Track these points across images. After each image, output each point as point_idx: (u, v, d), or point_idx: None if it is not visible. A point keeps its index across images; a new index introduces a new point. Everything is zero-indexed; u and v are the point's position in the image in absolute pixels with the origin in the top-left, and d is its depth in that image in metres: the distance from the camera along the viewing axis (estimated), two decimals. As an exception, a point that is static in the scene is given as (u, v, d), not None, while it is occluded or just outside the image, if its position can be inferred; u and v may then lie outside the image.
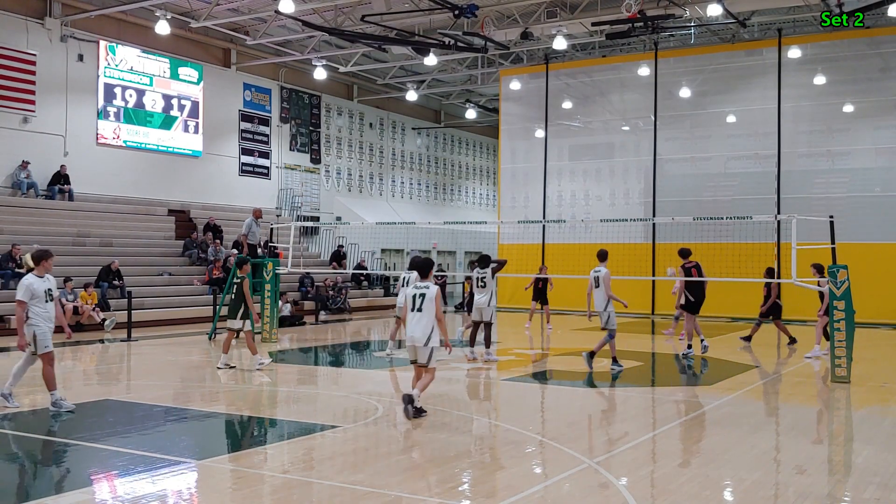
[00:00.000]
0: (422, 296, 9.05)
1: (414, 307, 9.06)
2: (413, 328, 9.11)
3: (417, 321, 9.08)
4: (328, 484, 6.82)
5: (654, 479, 7.28)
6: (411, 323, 9.15)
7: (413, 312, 9.09)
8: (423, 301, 9.01)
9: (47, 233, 21.79)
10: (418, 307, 9.02)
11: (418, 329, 9.05)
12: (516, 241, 29.09)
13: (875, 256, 22.79)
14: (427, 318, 9.01)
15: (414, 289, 9.21)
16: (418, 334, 9.04)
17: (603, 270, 13.01)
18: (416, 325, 9.08)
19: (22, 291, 9.11)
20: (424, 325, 9.01)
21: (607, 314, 12.92)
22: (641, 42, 27.70)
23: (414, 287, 9.25)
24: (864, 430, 9.64)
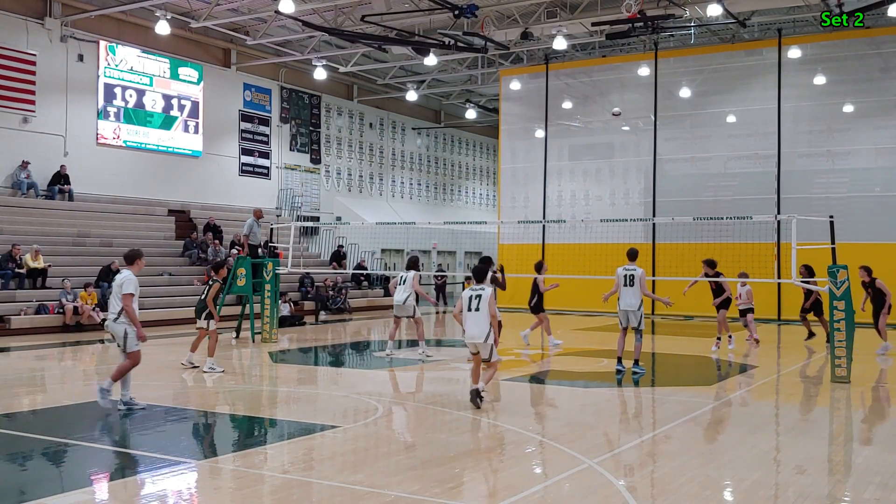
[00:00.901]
0: (478, 297, 9.79)
1: (471, 308, 9.79)
2: (472, 327, 9.79)
3: (475, 320, 9.78)
4: (328, 484, 6.82)
5: (654, 479, 7.28)
6: (469, 322, 9.83)
7: (470, 312, 9.81)
8: (479, 302, 9.75)
9: (47, 233, 21.81)
10: (475, 307, 9.77)
11: (476, 328, 9.75)
12: (516, 241, 29.09)
13: (875, 256, 22.75)
14: (484, 317, 9.71)
15: (470, 291, 9.95)
16: (477, 332, 9.73)
17: (638, 270, 12.79)
18: (475, 324, 9.77)
19: (133, 285, 9.35)
20: (482, 323, 9.70)
21: (641, 314, 12.81)
22: (641, 42, 27.70)
23: (470, 289, 9.99)
24: (864, 430, 9.64)
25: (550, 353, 16.50)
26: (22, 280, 19.68)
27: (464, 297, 9.93)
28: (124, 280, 9.34)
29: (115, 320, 9.40)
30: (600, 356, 15.33)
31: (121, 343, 9.46)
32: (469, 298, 9.84)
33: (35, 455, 7.94)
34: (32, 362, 14.84)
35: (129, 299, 9.29)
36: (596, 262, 22.02)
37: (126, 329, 9.34)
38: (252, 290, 17.79)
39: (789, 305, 23.91)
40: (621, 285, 12.86)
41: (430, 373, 13.74)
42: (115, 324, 9.40)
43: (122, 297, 9.30)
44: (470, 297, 9.83)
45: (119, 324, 9.35)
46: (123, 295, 9.29)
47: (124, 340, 9.40)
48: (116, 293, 9.40)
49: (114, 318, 9.42)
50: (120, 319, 9.35)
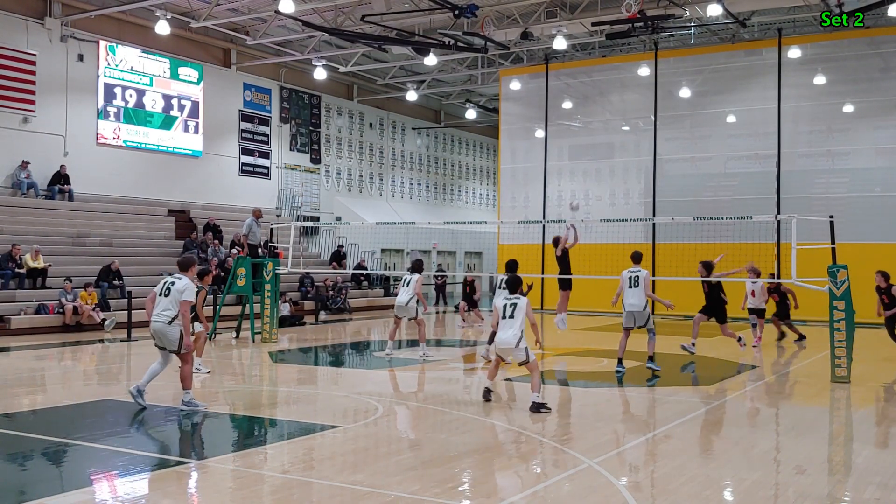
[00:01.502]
0: (513, 305, 10.04)
1: (505, 315, 10.03)
2: (505, 333, 9.95)
3: (509, 327, 9.95)
4: (328, 484, 6.82)
5: (654, 479, 7.28)
6: (503, 329, 10.00)
7: (505, 319, 10.02)
8: (514, 309, 10.00)
9: (47, 233, 21.80)
10: (510, 315, 10.00)
11: (510, 334, 9.90)
12: (516, 241, 29.09)
13: (875, 256, 22.76)
14: (517, 324, 9.92)
15: (504, 300, 10.16)
16: (510, 338, 9.87)
17: (643, 272, 13.12)
18: (508, 330, 9.94)
19: (193, 293, 9.54)
20: (515, 330, 9.90)
21: (647, 314, 13.05)
22: (641, 42, 27.70)
23: (504, 298, 10.20)
24: (864, 430, 9.64)
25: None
26: (22, 280, 19.68)
27: (498, 307, 10.20)
28: (185, 287, 9.46)
29: (170, 323, 9.43)
30: (600, 356, 15.33)
31: (174, 346, 9.51)
32: (504, 307, 10.09)
33: (35, 455, 7.94)
34: (32, 362, 14.83)
35: (188, 306, 9.44)
36: (596, 262, 22.01)
37: (181, 331, 9.44)
38: (252, 290, 17.78)
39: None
40: (626, 287, 13.00)
41: (430, 373, 13.74)
42: (169, 327, 9.43)
43: (182, 303, 9.39)
44: (504, 306, 10.09)
45: (174, 327, 9.42)
46: (183, 301, 9.39)
47: (179, 343, 9.46)
48: (175, 298, 9.42)
49: (167, 321, 9.43)
50: (175, 323, 9.43)
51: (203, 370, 12.89)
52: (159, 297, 9.59)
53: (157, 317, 9.49)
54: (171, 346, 9.57)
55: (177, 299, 9.42)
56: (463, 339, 19.35)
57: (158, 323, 9.47)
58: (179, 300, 9.41)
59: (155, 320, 9.50)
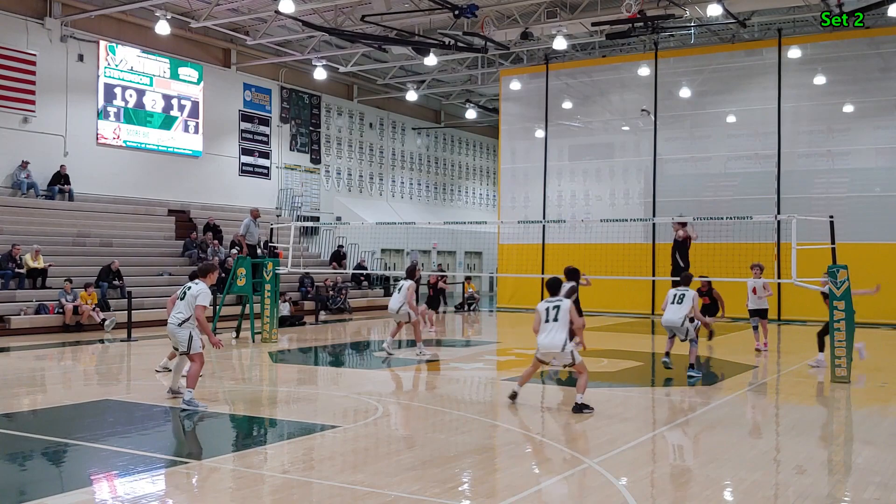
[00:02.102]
0: (556, 308, 9.93)
1: (548, 318, 9.91)
2: (549, 336, 9.86)
3: (553, 330, 9.86)
4: (328, 484, 6.82)
5: (654, 479, 7.28)
6: (546, 332, 9.90)
7: (548, 323, 9.91)
8: (557, 312, 9.90)
9: (47, 233, 21.80)
10: (553, 318, 9.91)
11: (555, 338, 9.81)
12: (516, 241, 29.10)
13: (875, 256, 22.78)
14: (562, 327, 9.83)
15: (547, 303, 10.04)
16: (556, 342, 9.79)
17: (690, 292, 12.88)
18: (552, 333, 9.85)
19: (208, 298, 9.90)
20: (559, 333, 9.82)
21: (685, 328, 12.82)
22: (641, 42, 27.70)
23: (547, 301, 10.07)
24: (864, 430, 9.64)
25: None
26: (22, 280, 19.68)
27: (540, 310, 10.04)
28: (200, 292, 9.81)
29: (180, 325, 9.77)
30: (600, 356, 15.33)
31: (184, 347, 9.82)
32: (546, 310, 9.97)
33: (35, 455, 7.94)
34: (32, 362, 14.84)
35: (202, 310, 9.77)
36: (596, 263, 22.02)
37: (191, 333, 9.74)
38: (252, 290, 17.79)
39: (789, 305, 23.93)
40: (670, 302, 12.86)
41: (429, 373, 13.74)
42: (179, 328, 9.78)
43: (196, 307, 9.73)
44: (547, 309, 9.97)
45: (184, 328, 9.74)
46: (197, 305, 9.73)
47: (189, 344, 9.76)
48: (189, 302, 9.80)
49: (178, 323, 9.80)
50: (185, 325, 9.73)
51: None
52: (178, 302, 10.02)
53: (171, 318, 9.93)
54: (182, 346, 9.89)
55: (191, 303, 9.76)
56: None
57: (171, 325, 9.89)
58: (193, 304, 9.74)
59: (169, 322, 9.96)
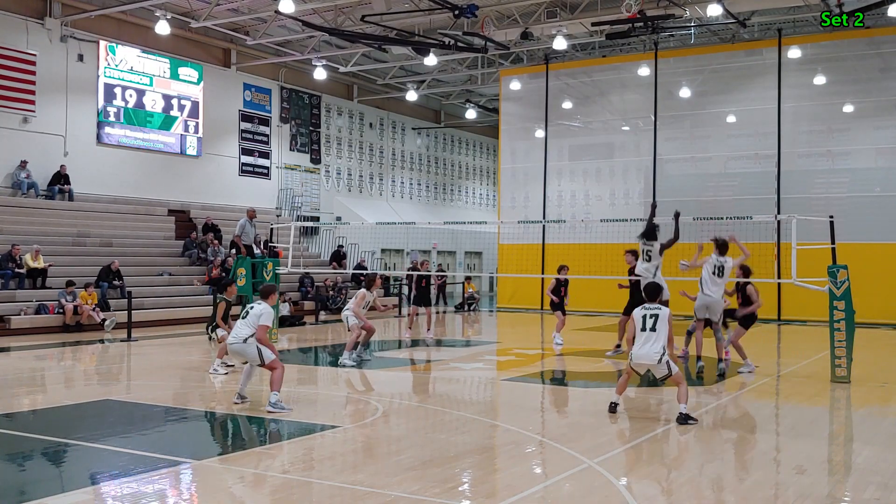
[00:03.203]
0: (654, 317, 9.49)
1: (645, 327, 9.48)
2: (644, 347, 9.43)
3: (651, 340, 9.43)
4: (328, 484, 6.82)
5: (654, 479, 7.28)
6: (643, 343, 9.47)
7: (644, 332, 9.47)
8: (655, 321, 9.45)
9: (47, 233, 21.80)
10: (651, 327, 9.46)
11: (650, 348, 9.39)
12: (516, 241, 29.09)
13: (875, 256, 22.78)
14: (661, 337, 9.43)
15: (644, 310, 9.60)
16: (651, 354, 9.38)
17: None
18: (648, 344, 9.43)
19: (270, 318, 10.09)
20: (657, 345, 9.40)
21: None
22: (641, 42, 27.69)
23: (643, 308, 9.64)
24: (864, 430, 9.64)
25: (556, 349, 16.55)
26: (22, 280, 19.68)
27: (636, 317, 9.61)
28: (263, 312, 10.00)
29: (245, 342, 9.91)
30: (600, 356, 15.33)
31: (257, 361, 9.95)
32: (643, 318, 9.52)
33: (35, 455, 7.94)
34: (32, 362, 14.84)
35: (265, 330, 9.97)
36: (596, 263, 21.99)
37: (258, 347, 9.88)
38: (252, 290, 17.77)
39: (789, 305, 23.92)
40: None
41: (429, 373, 13.73)
42: (245, 345, 9.92)
43: (259, 326, 9.90)
44: (644, 317, 9.52)
45: (249, 344, 9.90)
46: (260, 325, 9.91)
47: (260, 356, 9.90)
48: (251, 322, 9.96)
49: (242, 340, 9.93)
50: (249, 341, 9.89)
51: (220, 371, 12.84)
52: (239, 320, 10.16)
53: (232, 339, 10.05)
54: (254, 361, 10.02)
55: (253, 322, 9.92)
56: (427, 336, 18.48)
57: (234, 344, 10.00)
58: (257, 324, 9.90)
59: (230, 343, 10.08)
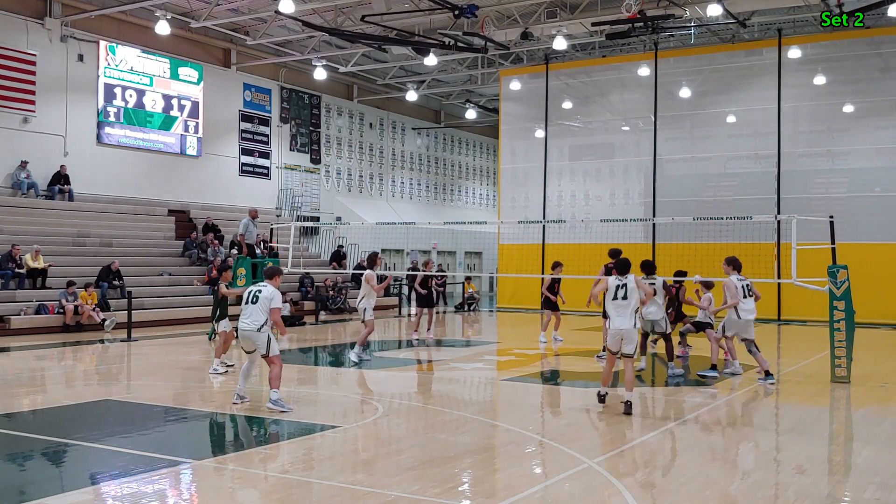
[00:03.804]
0: (623, 286, 9.95)
1: (617, 296, 9.92)
2: (621, 318, 9.85)
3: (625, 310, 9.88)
4: (328, 484, 6.82)
5: (654, 479, 7.28)
6: (616, 315, 9.90)
7: (616, 300, 9.90)
8: (625, 291, 9.94)
9: (47, 233, 21.80)
10: (622, 296, 9.90)
11: (627, 320, 9.83)
12: (516, 241, 29.09)
13: (875, 256, 22.78)
14: (630, 305, 9.88)
15: (616, 280, 10.05)
16: (628, 322, 9.82)
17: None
18: (625, 315, 9.85)
19: (280, 300, 10.00)
20: (629, 312, 9.85)
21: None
22: (641, 42, 27.69)
23: (616, 279, 10.07)
24: (864, 430, 9.64)
25: (555, 349, 16.56)
26: (22, 280, 19.68)
27: (610, 285, 10.04)
28: (273, 295, 9.90)
29: (259, 330, 9.79)
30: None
31: (263, 350, 9.86)
32: (616, 287, 9.95)
33: (35, 455, 7.94)
34: (32, 362, 14.84)
35: (278, 312, 9.93)
36: (596, 263, 21.96)
37: (269, 336, 9.85)
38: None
39: (789, 306, 23.93)
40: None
41: (430, 373, 13.74)
42: (258, 333, 9.79)
43: (272, 310, 9.83)
44: (616, 287, 9.95)
45: (263, 333, 9.81)
46: (272, 308, 9.84)
47: (267, 346, 9.83)
48: (263, 306, 9.81)
49: (257, 328, 9.79)
50: (263, 329, 9.82)
51: (220, 370, 12.82)
52: (246, 305, 9.93)
53: (246, 324, 9.84)
54: (261, 349, 9.90)
55: (265, 307, 9.80)
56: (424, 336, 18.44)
57: (248, 330, 9.82)
58: (269, 308, 9.80)
59: (244, 328, 9.86)
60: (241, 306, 9.96)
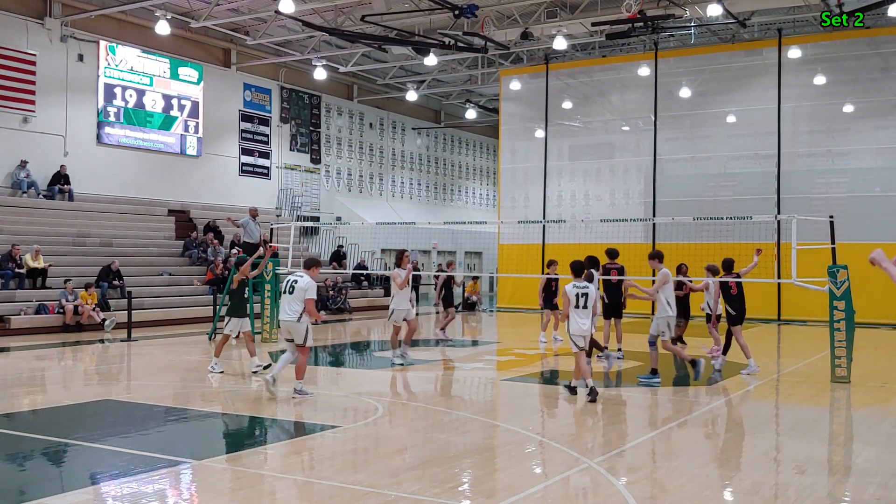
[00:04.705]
0: (584, 295, 10.66)
1: (578, 305, 10.67)
2: (580, 321, 10.65)
3: (584, 316, 10.75)
4: (328, 484, 6.82)
5: (654, 479, 7.28)
6: (577, 318, 10.64)
7: (578, 309, 10.68)
8: (585, 300, 10.63)
9: (47, 233, 21.80)
10: (583, 305, 10.72)
11: (585, 322, 10.69)
12: (516, 241, 29.08)
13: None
14: (590, 312, 10.73)
15: (575, 288, 10.64)
16: (585, 327, 10.67)
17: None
18: (584, 318, 10.71)
19: (315, 290, 10.48)
20: (587, 318, 10.71)
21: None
22: (641, 42, 27.69)
23: (575, 286, 10.65)
24: (864, 430, 9.64)
25: (554, 349, 16.55)
26: (22, 280, 19.68)
27: (570, 294, 10.52)
28: (308, 286, 10.37)
29: (299, 320, 10.31)
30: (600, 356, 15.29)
31: (301, 340, 10.40)
32: (576, 296, 10.50)
33: (35, 455, 7.94)
34: (32, 362, 14.84)
35: (313, 303, 10.35)
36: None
37: (307, 326, 10.35)
38: (252, 290, 17.75)
39: (789, 305, 23.93)
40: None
41: (430, 373, 13.74)
42: (298, 323, 10.32)
43: (307, 300, 10.26)
44: (577, 295, 10.50)
45: (302, 323, 10.32)
46: (307, 299, 10.27)
47: (305, 337, 10.38)
48: (298, 297, 10.30)
49: (297, 318, 10.31)
50: (303, 319, 10.31)
51: (217, 370, 12.80)
52: (283, 295, 10.48)
53: (287, 315, 10.37)
54: (299, 339, 10.43)
55: (300, 297, 10.26)
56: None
57: (289, 320, 10.35)
58: (304, 298, 10.25)
59: (285, 319, 10.42)
60: (281, 296, 10.50)
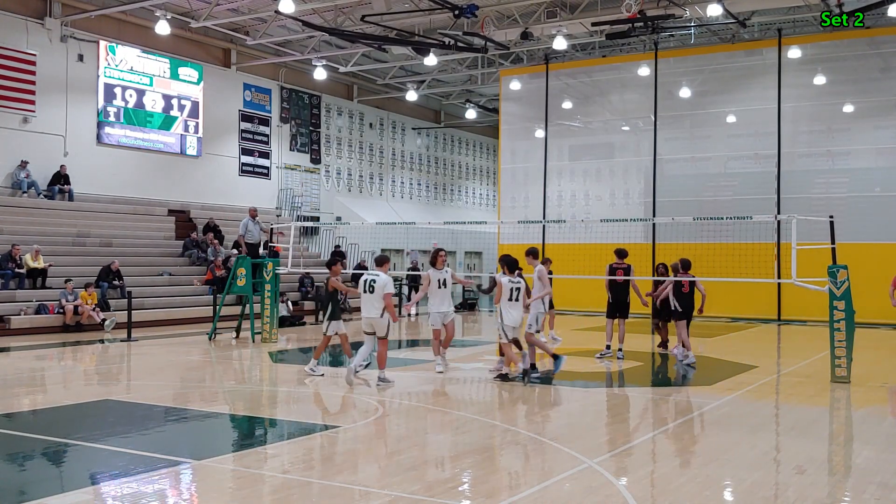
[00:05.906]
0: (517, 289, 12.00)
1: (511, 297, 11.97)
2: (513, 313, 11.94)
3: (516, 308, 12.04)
4: (328, 484, 6.82)
5: (654, 479, 7.28)
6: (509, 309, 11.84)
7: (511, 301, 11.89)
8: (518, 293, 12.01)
9: (47, 233, 21.80)
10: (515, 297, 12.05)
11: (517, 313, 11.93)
12: (516, 241, 29.05)
13: (875, 256, 22.77)
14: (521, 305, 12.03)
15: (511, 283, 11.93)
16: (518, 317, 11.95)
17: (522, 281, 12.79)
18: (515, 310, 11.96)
19: (392, 286, 11.39)
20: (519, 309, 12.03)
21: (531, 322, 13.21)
22: (641, 42, 27.69)
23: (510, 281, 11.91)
24: (864, 430, 9.64)
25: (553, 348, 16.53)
26: (22, 280, 19.68)
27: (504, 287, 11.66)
28: (386, 282, 11.28)
29: (381, 316, 11.27)
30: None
31: (383, 333, 11.39)
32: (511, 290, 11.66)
33: (35, 455, 7.94)
34: (32, 362, 14.84)
35: (390, 298, 11.29)
36: (596, 262, 21.98)
37: (389, 321, 11.29)
38: (252, 290, 17.78)
39: (789, 305, 23.93)
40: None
41: (429, 373, 13.72)
42: (381, 319, 11.29)
43: (385, 296, 11.21)
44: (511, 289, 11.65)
45: (384, 318, 11.26)
46: (386, 294, 11.22)
47: (387, 330, 11.37)
48: (379, 294, 11.22)
49: (380, 314, 11.27)
50: (385, 314, 11.25)
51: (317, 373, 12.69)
52: (364, 293, 11.39)
53: (369, 311, 11.35)
54: (381, 332, 11.42)
55: (380, 294, 11.21)
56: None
57: (373, 317, 11.34)
58: (382, 294, 11.19)
59: (368, 315, 11.39)
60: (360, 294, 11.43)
